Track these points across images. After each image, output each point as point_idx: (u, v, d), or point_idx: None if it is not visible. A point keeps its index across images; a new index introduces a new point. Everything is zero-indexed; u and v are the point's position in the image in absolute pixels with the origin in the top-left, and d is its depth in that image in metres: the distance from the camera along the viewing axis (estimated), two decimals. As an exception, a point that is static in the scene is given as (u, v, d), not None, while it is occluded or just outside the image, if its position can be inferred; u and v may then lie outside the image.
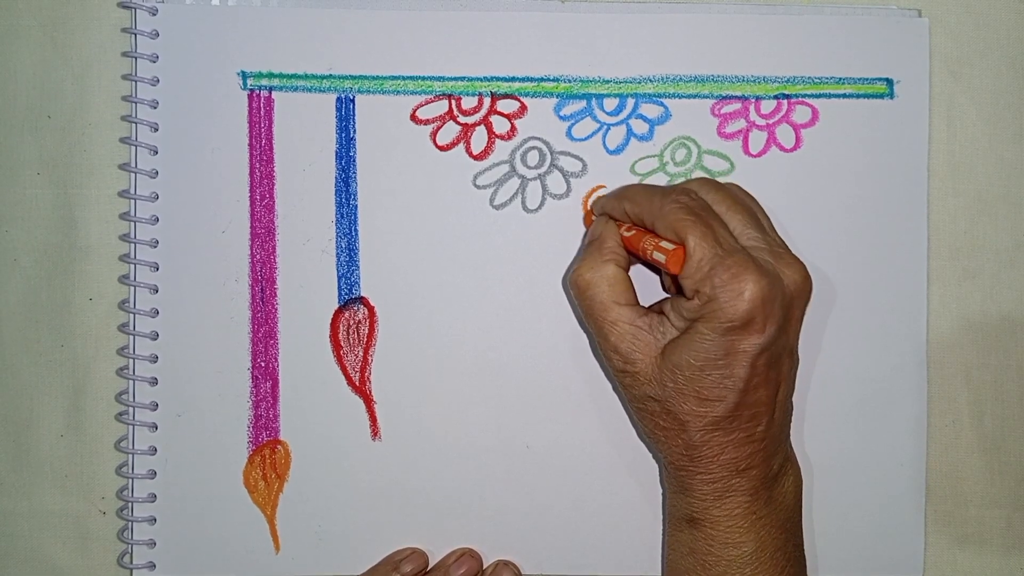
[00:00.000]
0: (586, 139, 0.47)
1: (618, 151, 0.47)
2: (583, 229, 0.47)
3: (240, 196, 0.47)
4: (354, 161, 0.47)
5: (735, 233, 0.40)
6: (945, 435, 0.48)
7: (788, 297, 0.39)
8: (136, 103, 0.46)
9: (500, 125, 0.47)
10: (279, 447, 0.47)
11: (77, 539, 0.48)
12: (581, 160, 0.47)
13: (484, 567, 0.47)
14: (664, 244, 0.40)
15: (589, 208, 0.47)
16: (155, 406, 0.47)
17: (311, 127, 0.47)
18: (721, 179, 0.47)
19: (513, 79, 0.47)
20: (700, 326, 0.39)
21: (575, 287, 0.42)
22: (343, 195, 0.47)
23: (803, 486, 0.44)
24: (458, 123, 0.47)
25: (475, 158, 0.47)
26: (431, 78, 0.47)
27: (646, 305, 0.43)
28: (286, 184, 0.47)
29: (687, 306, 0.39)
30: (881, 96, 0.47)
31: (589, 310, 0.42)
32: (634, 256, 0.43)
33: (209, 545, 0.47)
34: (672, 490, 0.43)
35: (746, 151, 0.47)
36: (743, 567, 0.41)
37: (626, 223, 0.43)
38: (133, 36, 0.46)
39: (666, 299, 0.43)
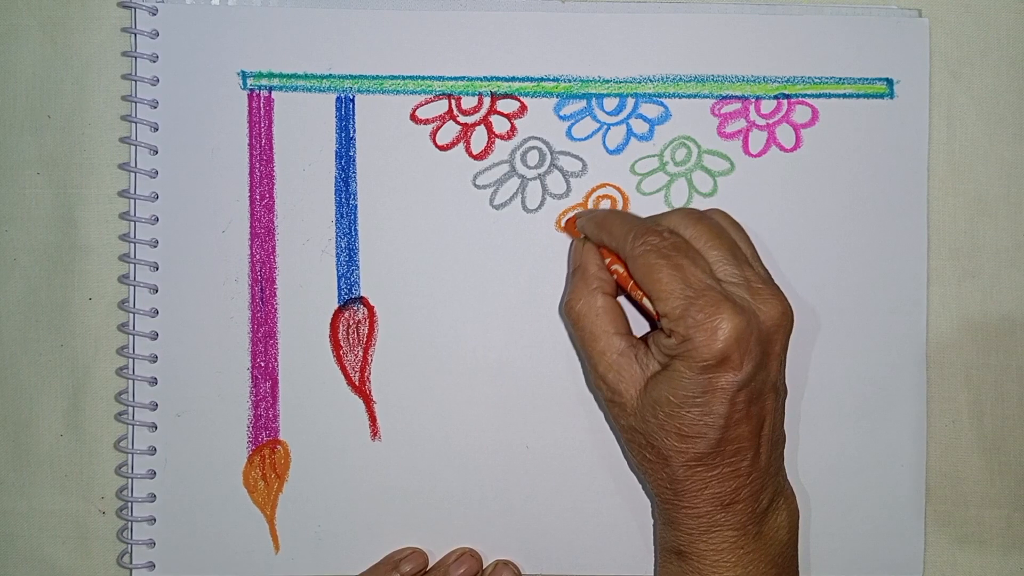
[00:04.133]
0: (586, 139, 0.47)
1: (618, 151, 0.47)
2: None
3: (240, 196, 0.47)
4: (354, 161, 0.47)
5: (713, 269, 0.40)
6: (945, 435, 0.48)
7: (765, 333, 0.39)
8: (136, 103, 0.46)
9: (500, 125, 0.47)
10: (279, 447, 0.47)
11: (76, 539, 0.48)
12: (581, 160, 0.47)
13: (484, 567, 0.47)
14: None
15: (565, 224, 0.47)
16: (155, 406, 0.47)
17: (311, 127, 0.47)
18: (721, 179, 0.47)
19: (513, 79, 0.47)
20: (678, 364, 0.39)
21: (567, 318, 0.43)
22: (343, 195, 0.47)
23: (799, 514, 0.43)
24: (458, 123, 0.47)
25: (475, 158, 0.47)
26: (431, 78, 0.47)
27: (638, 334, 0.43)
28: (286, 184, 0.47)
29: (665, 343, 0.39)
30: (881, 96, 0.47)
31: (581, 340, 0.43)
32: (622, 290, 0.43)
33: (209, 545, 0.47)
34: (661, 522, 0.43)
35: (746, 151, 0.47)
36: None
37: (609, 250, 0.43)
38: (133, 36, 0.46)
39: (651, 333, 0.43)
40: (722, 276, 0.40)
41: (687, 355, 0.38)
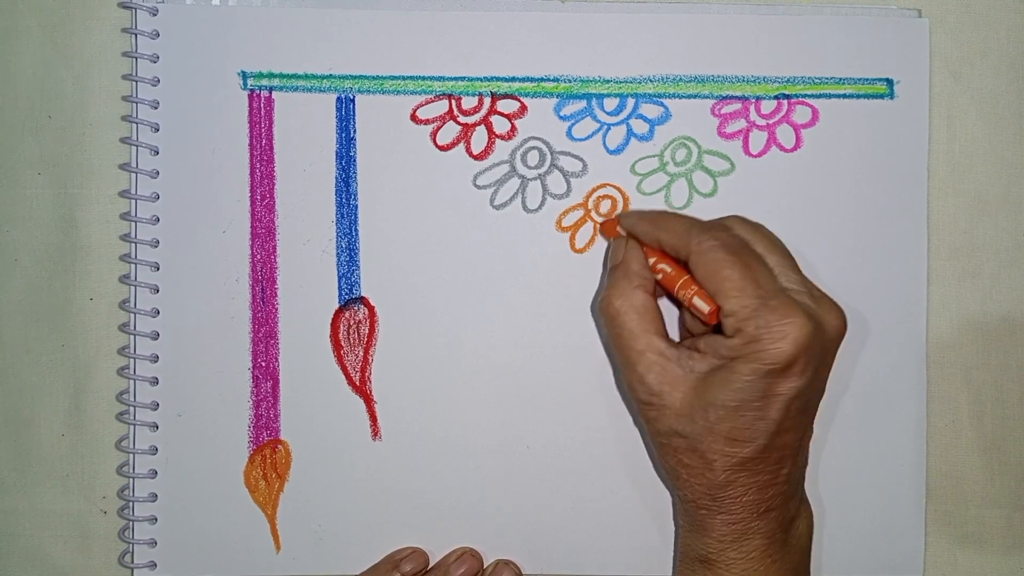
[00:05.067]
0: (586, 139, 0.47)
1: (618, 151, 0.47)
2: (583, 230, 0.47)
3: (240, 196, 0.47)
4: (354, 161, 0.47)
5: (775, 274, 0.40)
6: (945, 435, 0.48)
7: (828, 343, 0.39)
8: (137, 103, 0.46)
9: (500, 125, 0.47)
10: (279, 447, 0.47)
11: (78, 538, 0.48)
12: (581, 160, 0.47)
13: (484, 566, 0.47)
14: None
15: (602, 226, 0.46)
16: (156, 406, 0.47)
17: (311, 127, 0.47)
18: (721, 179, 0.47)
19: (513, 79, 0.47)
20: (739, 366, 0.38)
21: (604, 315, 0.42)
22: (343, 195, 0.47)
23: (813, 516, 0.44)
24: (458, 123, 0.47)
25: (475, 158, 0.47)
26: (431, 78, 0.47)
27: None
28: (286, 184, 0.47)
29: (727, 344, 0.39)
30: (881, 96, 0.47)
31: (617, 338, 0.41)
32: (663, 290, 0.43)
33: (210, 544, 0.47)
34: (687, 528, 0.42)
35: (746, 151, 0.47)
36: None
37: (654, 250, 0.42)
38: (133, 36, 0.46)
39: (699, 335, 0.42)
40: (784, 283, 0.40)
41: (752, 356, 0.38)
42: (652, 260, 0.42)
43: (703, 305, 0.40)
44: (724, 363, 0.39)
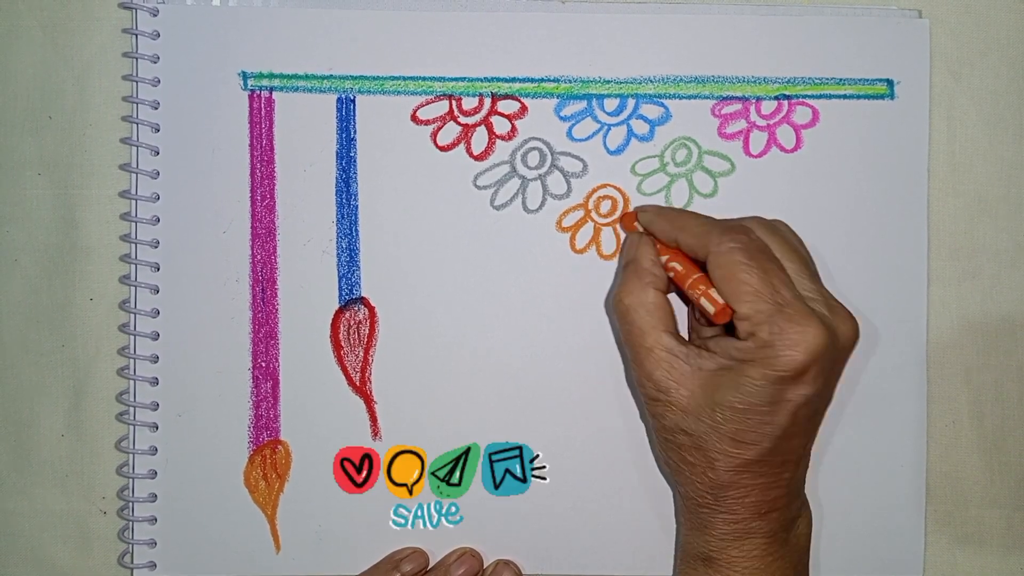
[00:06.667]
0: (587, 139, 0.47)
1: (618, 151, 0.47)
2: (584, 231, 0.47)
3: (241, 196, 0.47)
4: (355, 161, 0.47)
5: (792, 281, 0.40)
6: (945, 435, 0.48)
7: (840, 351, 0.39)
8: (137, 104, 0.46)
9: (500, 125, 0.47)
10: (279, 447, 0.47)
11: (78, 539, 0.48)
12: (582, 160, 0.47)
13: (484, 567, 0.47)
14: (714, 294, 0.40)
15: (622, 218, 0.46)
16: (156, 406, 0.47)
17: (312, 127, 0.47)
18: (722, 180, 0.47)
19: (513, 79, 0.47)
20: (749, 369, 0.38)
21: (616, 312, 0.42)
22: (344, 195, 0.47)
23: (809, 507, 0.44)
24: (459, 123, 0.47)
25: (476, 158, 0.47)
26: (432, 78, 0.47)
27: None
28: (287, 184, 0.47)
29: (739, 347, 0.39)
30: (881, 97, 0.47)
31: (628, 335, 0.42)
32: (674, 286, 0.43)
33: (210, 545, 0.47)
34: (689, 527, 0.43)
35: (747, 151, 0.47)
36: None
37: (668, 247, 0.43)
38: (134, 37, 0.46)
39: (710, 336, 0.42)
40: (800, 290, 0.40)
41: (764, 362, 0.38)
42: (665, 257, 0.43)
43: (709, 306, 0.40)
44: (734, 364, 0.39)
